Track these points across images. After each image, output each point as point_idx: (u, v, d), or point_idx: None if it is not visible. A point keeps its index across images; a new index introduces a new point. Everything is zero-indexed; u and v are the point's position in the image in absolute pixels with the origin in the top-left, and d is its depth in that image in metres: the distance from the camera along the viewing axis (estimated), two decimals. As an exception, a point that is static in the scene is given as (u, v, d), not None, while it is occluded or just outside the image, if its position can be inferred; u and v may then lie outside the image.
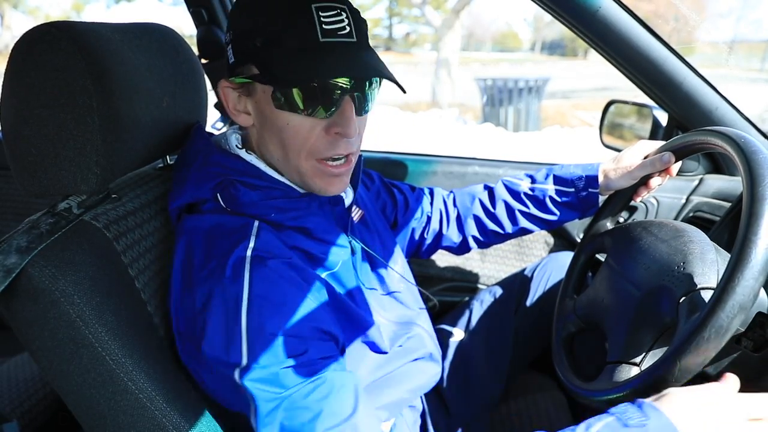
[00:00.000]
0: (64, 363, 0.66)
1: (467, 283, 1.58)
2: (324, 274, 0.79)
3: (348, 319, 0.79)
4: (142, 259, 0.78)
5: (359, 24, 0.72)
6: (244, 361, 0.64)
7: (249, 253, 0.69)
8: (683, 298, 0.67)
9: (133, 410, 0.67)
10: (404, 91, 0.76)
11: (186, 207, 0.78)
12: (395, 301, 0.94)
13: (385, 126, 7.84)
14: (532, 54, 29.31)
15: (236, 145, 0.80)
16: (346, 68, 0.69)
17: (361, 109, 0.75)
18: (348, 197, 0.88)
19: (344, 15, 0.70)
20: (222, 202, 0.76)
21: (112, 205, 0.78)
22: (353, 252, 0.86)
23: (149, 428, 0.67)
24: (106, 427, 0.68)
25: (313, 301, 0.71)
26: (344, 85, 0.70)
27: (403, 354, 0.89)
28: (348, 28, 0.70)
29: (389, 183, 1.11)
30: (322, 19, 0.68)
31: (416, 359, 0.92)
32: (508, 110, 8.39)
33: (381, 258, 0.92)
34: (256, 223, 0.73)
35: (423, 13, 12.66)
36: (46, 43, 0.64)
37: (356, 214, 0.92)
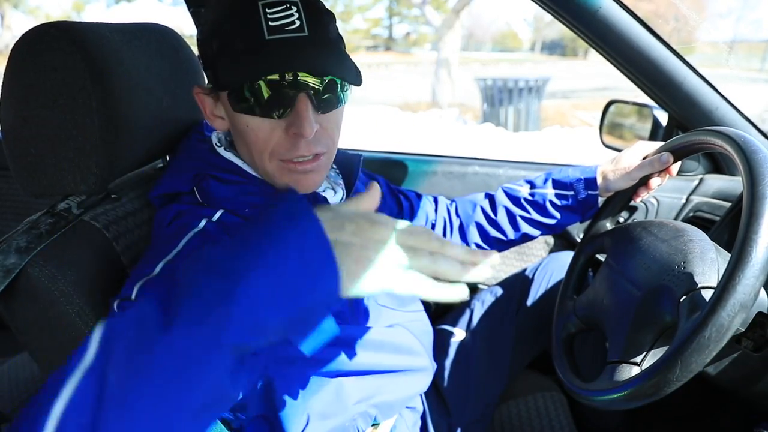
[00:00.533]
0: (63, 362, 0.66)
1: (467, 283, 1.57)
2: None
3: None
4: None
5: (314, 17, 0.68)
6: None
7: (202, 225, 0.71)
8: (684, 298, 0.67)
9: None
10: (358, 84, 0.73)
11: (168, 199, 0.79)
12: (384, 308, 0.93)
13: (385, 126, 7.84)
14: (532, 54, 29.31)
15: (215, 144, 0.81)
16: (282, 65, 0.66)
17: (323, 106, 0.71)
18: (335, 197, 0.85)
19: (294, 9, 0.67)
20: (198, 196, 0.76)
21: (111, 205, 0.78)
22: None
23: None
24: (105, 427, 0.67)
25: None
26: (296, 83, 0.67)
27: (387, 357, 0.88)
28: (298, 23, 0.67)
29: (396, 189, 1.10)
30: (268, 15, 0.65)
31: (402, 370, 0.90)
32: (508, 110, 8.38)
33: None
34: (219, 211, 0.74)
35: (423, 13, 12.65)
36: (45, 43, 0.64)
37: None
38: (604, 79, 12.13)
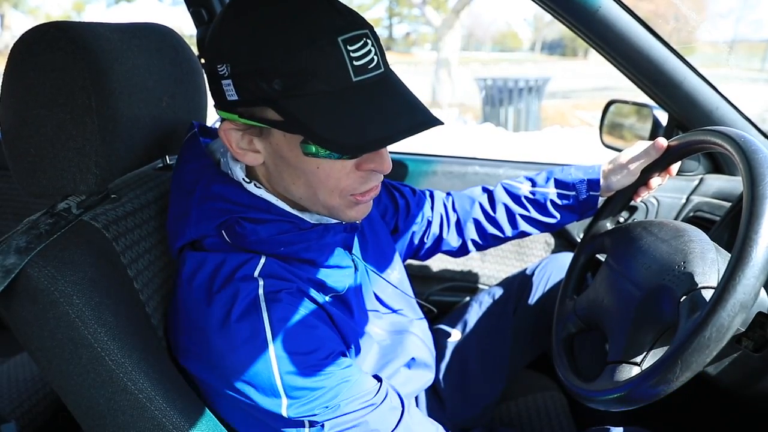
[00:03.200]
0: (63, 363, 0.66)
1: (467, 283, 1.58)
2: (328, 297, 0.76)
3: (349, 337, 0.78)
4: (142, 259, 0.78)
5: (381, 47, 0.63)
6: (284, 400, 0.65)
7: (260, 291, 0.66)
8: (684, 298, 0.67)
9: (133, 410, 0.67)
10: (442, 123, 0.65)
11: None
12: (392, 313, 0.94)
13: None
14: (532, 54, 29.30)
15: (243, 179, 0.71)
16: (399, 123, 0.60)
17: None
18: None
19: (370, 43, 0.61)
20: (227, 238, 0.69)
21: (111, 205, 0.78)
22: (356, 268, 0.84)
23: (149, 428, 0.67)
24: (105, 427, 0.68)
25: (325, 323, 0.71)
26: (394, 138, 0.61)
27: (394, 360, 0.89)
28: (375, 59, 0.61)
29: (390, 185, 1.07)
30: (351, 54, 0.58)
31: (407, 365, 0.92)
32: (508, 110, 8.39)
33: (379, 271, 0.92)
34: (262, 259, 0.69)
35: (423, 13, 12.66)
36: (45, 43, 0.64)
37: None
38: (604, 79, 12.13)
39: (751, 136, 0.73)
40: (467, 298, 1.40)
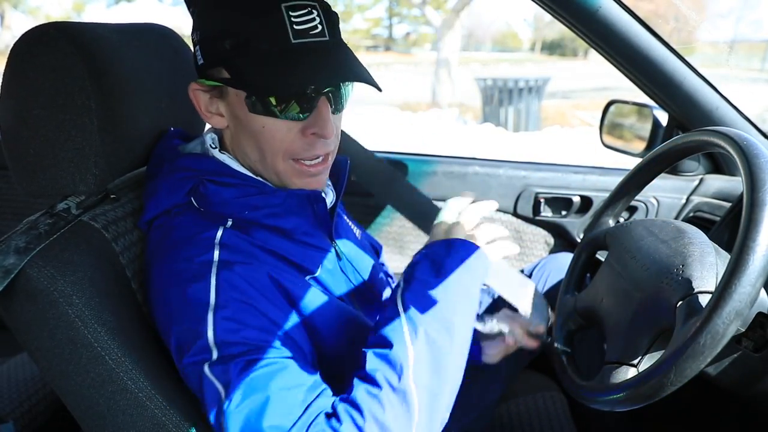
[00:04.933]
0: (63, 363, 0.66)
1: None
2: (306, 279, 0.77)
3: (318, 321, 0.77)
4: (139, 260, 0.78)
5: (331, 20, 0.70)
6: (214, 355, 0.63)
7: (215, 257, 0.68)
8: (681, 302, 0.67)
9: (133, 409, 0.67)
10: (380, 90, 0.73)
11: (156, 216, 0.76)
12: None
13: (385, 126, 7.84)
14: (532, 54, 29.31)
15: (210, 145, 0.78)
16: (323, 73, 0.67)
17: (337, 107, 0.73)
18: (329, 197, 0.85)
19: (315, 13, 0.67)
20: (195, 203, 0.74)
21: (110, 205, 0.78)
22: (339, 257, 0.84)
23: (149, 427, 0.67)
24: (105, 426, 0.67)
25: (279, 306, 0.69)
26: (319, 86, 0.69)
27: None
28: (320, 27, 0.68)
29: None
30: (292, 19, 0.65)
31: None
32: (508, 110, 8.38)
33: (361, 267, 0.91)
34: (228, 223, 0.72)
35: (423, 13, 12.65)
36: (44, 44, 0.64)
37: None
38: (604, 79, 12.12)
39: (753, 137, 0.73)
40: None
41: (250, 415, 0.60)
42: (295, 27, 0.66)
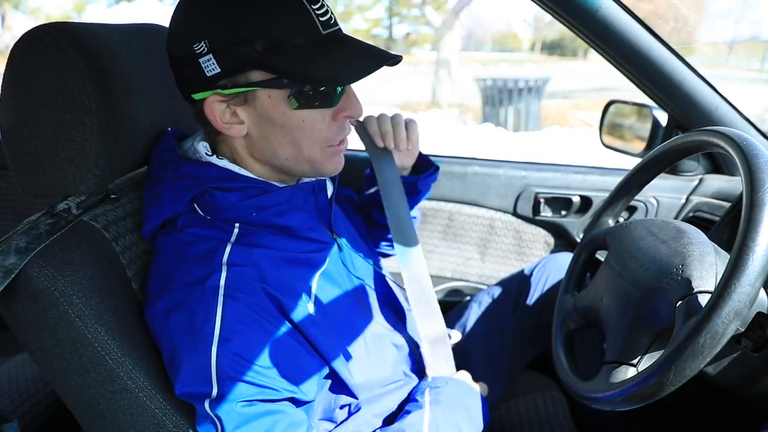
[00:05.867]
0: (63, 363, 0.66)
1: (466, 283, 1.58)
2: (316, 275, 0.78)
3: (344, 321, 0.79)
4: (140, 260, 0.78)
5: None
6: (215, 392, 0.64)
7: (222, 282, 0.68)
8: (680, 302, 0.67)
9: (133, 409, 0.67)
10: (399, 61, 0.73)
11: (160, 224, 0.76)
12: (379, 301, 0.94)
13: (385, 126, 7.82)
14: (532, 54, 29.29)
15: (206, 153, 0.76)
16: (364, 58, 0.70)
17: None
18: (329, 188, 0.86)
19: (325, 3, 0.70)
20: (200, 211, 0.73)
21: (111, 206, 0.78)
22: (340, 248, 0.86)
23: (149, 427, 0.67)
24: (106, 426, 0.68)
25: (284, 340, 0.70)
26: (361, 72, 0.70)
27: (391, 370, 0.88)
28: (333, 16, 0.70)
29: (354, 199, 1.14)
30: (316, 12, 0.68)
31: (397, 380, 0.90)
32: (508, 110, 8.38)
33: (358, 260, 0.92)
34: (230, 245, 0.71)
35: (423, 13, 12.66)
36: (45, 44, 0.64)
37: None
38: (604, 79, 12.11)
39: (753, 137, 0.73)
40: (467, 298, 1.40)
41: None
42: (320, 19, 0.68)
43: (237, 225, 0.73)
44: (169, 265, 0.71)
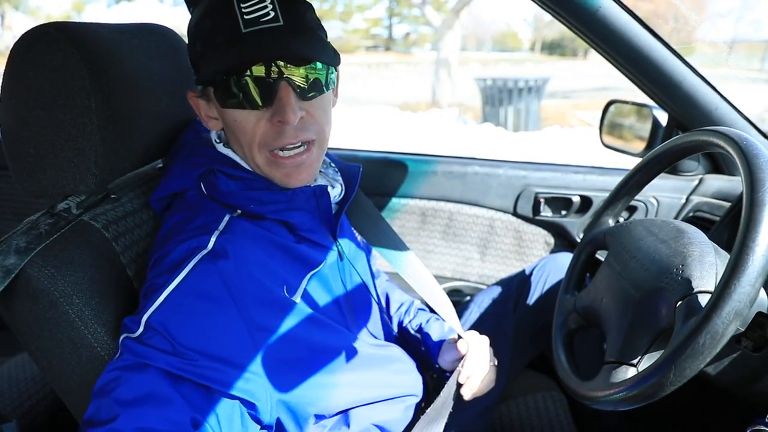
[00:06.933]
0: (63, 363, 0.66)
1: (467, 283, 1.58)
2: (308, 275, 0.78)
3: (328, 327, 0.79)
4: (140, 259, 0.78)
5: (288, 6, 0.70)
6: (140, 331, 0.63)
7: (210, 246, 0.70)
8: (680, 302, 0.67)
9: None
10: (335, 64, 0.75)
11: (171, 199, 0.79)
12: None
13: (385, 126, 7.84)
14: (532, 54, 29.29)
15: (215, 140, 0.81)
16: (259, 53, 0.68)
17: (306, 93, 0.72)
18: (333, 191, 0.86)
19: (268, 1, 0.68)
20: (204, 190, 0.77)
21: (111, 205, 0.78)
22: (341, 257, 0.86)
23: None
24: (105, 427, 0.67)
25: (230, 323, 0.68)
26: (279, 72, 0.69)
27: (383, 384, 0.89)
28: (272, 13, 0.68)
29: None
30: (242, 9, 0.67)
31: (394, 397, 0.90)
32: (508, 110, 8.38)
33: (360, 270, 0.92)
34: (227, 217, 0.74)
35: (423, 13, 12.66)
36: (44, 44, 0.64)
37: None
38: (604, 79, 12.12)
39: (753, 137, 0.73)
40: (467, 298, 1.40)
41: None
42: (245, 17, 0.67)
43: (238, 210, 0.76)
44: (169, 231, 0.74)
